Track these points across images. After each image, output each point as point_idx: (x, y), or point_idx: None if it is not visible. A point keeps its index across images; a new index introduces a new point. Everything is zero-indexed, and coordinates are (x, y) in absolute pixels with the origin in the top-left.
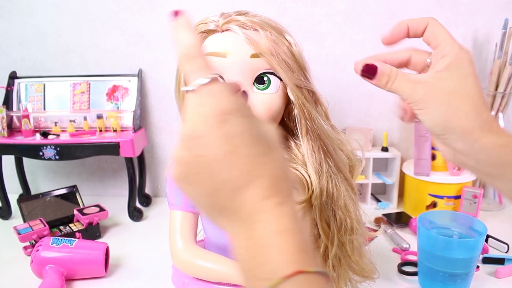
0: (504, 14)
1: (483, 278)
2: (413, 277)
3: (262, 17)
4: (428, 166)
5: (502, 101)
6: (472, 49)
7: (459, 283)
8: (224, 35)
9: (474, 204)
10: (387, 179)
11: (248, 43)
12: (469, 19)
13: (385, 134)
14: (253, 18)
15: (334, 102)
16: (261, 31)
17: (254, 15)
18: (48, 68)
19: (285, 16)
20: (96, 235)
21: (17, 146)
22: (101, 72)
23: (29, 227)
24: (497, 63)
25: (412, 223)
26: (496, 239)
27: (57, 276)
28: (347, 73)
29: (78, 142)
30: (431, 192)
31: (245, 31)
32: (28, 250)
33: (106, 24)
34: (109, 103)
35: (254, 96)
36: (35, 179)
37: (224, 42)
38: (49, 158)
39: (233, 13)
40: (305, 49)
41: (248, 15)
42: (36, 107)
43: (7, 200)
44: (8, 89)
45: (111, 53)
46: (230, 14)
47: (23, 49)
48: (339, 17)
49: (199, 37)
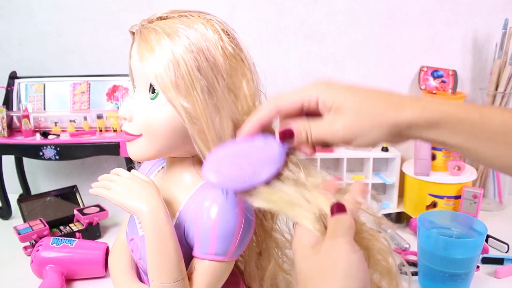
0: (504, 14)
1: (483, 278)
2: (413, 277)
3: (171, 23)
4: (428, 166)
5: (502, 101)
6: (472, 49)
7: (459, 283)
8: (135, 38)
9: (474, 204)
10: (387, 179)
11: (137, 49)
12: (469, 19)
13: None
14: (160, 25)
15: None
16: (155, 41)
17: (168, 17)
18: (48, 68)
19: (285, 16)
20: (96, 235)
21: (17, 146)
22: (101, 72)
23: (29, 227)
24: (497, 63)
25: (412, 223)
26: (496, 239)
27: (57, 276)
28: (347, 73)
29: (78, 142)
30: (431, 192)
31: (142, 35)
32: (28, 250)
33: (106, 24)
34: (109, 103)
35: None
36: (35, 179)
37: (134, 45)
38: (49, 158)
39: (153, 16)
40: (305, 49)
41: (160, 21)
42: (36, 107)
43: (7, 200)
44: (8, 89)
45: (111, 53)
46: (150, 18)
47: (23, 49)
48: (339, 17)
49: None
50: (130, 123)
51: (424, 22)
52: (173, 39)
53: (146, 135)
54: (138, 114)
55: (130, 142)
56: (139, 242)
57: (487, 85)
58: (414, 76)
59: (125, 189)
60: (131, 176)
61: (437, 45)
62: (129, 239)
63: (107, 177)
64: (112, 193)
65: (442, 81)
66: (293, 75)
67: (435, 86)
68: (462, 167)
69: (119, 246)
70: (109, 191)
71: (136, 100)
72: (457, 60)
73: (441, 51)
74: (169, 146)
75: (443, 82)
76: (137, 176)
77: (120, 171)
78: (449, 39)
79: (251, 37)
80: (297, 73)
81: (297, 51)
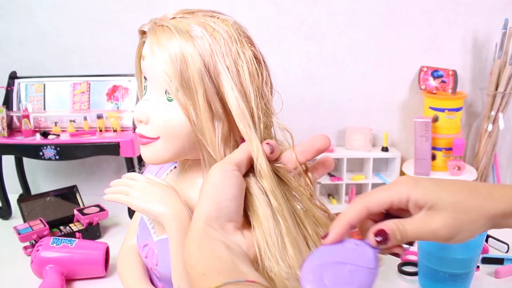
0: (504, 14)
1: (483, 278)
2: (413, 277)
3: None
4: (428, 166)
5: (502, 101)
6: (472, 49)
7: (459, 283)
8: (148, 37)
9: None
10: (387, 179)
11: (150, 48)
12: (469, 19)
13: (385, 134)
14: (173, 23)
15: (334, 102)
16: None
17: (182, 16)
18: (48, 68)
19: (285, 16)
20: (96, 235)
21: (17, 146)
22: (101, 72)
23: (29, 227)
24: (497, 63)
25: None
26: (496, 239)
27: (57, 276)
28: (347, 73)
29: (78, 142)
30: None
31: (156, 34)
32: (28, 250)
33: (106, 24)
34: (109, 103)
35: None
36: (35, 179)
37: (146, 45)
38: (49, 158)
39: (167, 15)
40: (305, 49)
41: (172, 19)
42: (36, 107)
43: (7, 200)
44: (8, 89)
45: (111, 53)
46: (163, 17)
47: (23, 49)
48: (339, 17)
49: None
50: (146, 125)
51: (424, 22)
52: (189, 38)
53: (164, 137)
54: (155, 116)
55: (145, 146)
56: (155, 247)
57: (487, 85)
58: (414, 76)
59: (145, 194)
60: (148, 180)
61: (437, 45)
62: (141, 246)
63: (122, 182)
64: (132, 199)
65: (442, 81)
66: (293, 75)
67: (435, 86)
68: (462, 167)
69: (128, 253)
70: (127, 196)
71: (151, 101)
72: (457, 60)
73: (441, 51)
74: (186, 149)
75: (443, 82)
76: (154, 180)
77: (135, 175)
78: (449, 39)
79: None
80: (297, 73)
81: (297, 51)
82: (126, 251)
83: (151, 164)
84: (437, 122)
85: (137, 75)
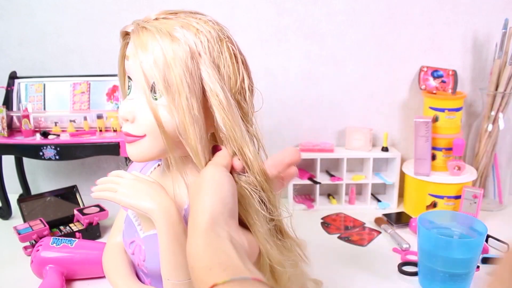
0: (504, 14)
1: (483, 278)
2: (413, 277)
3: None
4: (428, 166)
5: (502, 101)
6: (472, 49)
7: (459, 283)
8: (131, 38)
9: (474, 204)
10: (387, 179)
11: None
12: (469, 19)
13: (385, 134)
14: (156, 24)
15: (334, 102)
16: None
17: (165, 17)
18: (48, 68)
19: (285, 16)
20: (96, 235)
21: (17, 146)
22: (101, 72)
23: (29, 227)
24: (497, 63)
25: (412, 223)
26: (496, 239)
27: (57, 276)
28: (347, 73)
29: (78, 142)
30: (431, 192)
31: (139, 35)
32: (28, 250)
33: (106, 24)
34: (109, 103)
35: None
36: (35, 179)
37: (130, 45)
38: (49, 158)
39: (150, 16)
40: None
41: (154, 20)
42: (36, 107)
43: (7, 200)
44: (8, 89)
45: (111, 53)
46: (145, 19)
47: (23, 49)
48: (339, 17)
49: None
50: (133, 124)
51: (424, 22)
52: (171, 40)
53: (151, 135)
54: (141, 115)
55: (131, 144)
56: (142, 244)
57: (487, 85)
58: (414, 76)
59: (133, 190)
60: (135, 177)
61: (437, 45)
62: (128, 242)
63: (108, 180)
64: (120, 195)
65: (442, 81)
66: (293, 75)
67: (435, 86)
68: (462, 167)
69: (113, 250)
70: (115, 193)
71: (136, 100)
72: (457, 60)
73: (441, 51)
74: (171, 146)
75: (443, 82)
76: (141, 176)
77: (121, 173)
78: (449, 39)
79: (251, 37)
80: (297, 73)
81: (297, 51)
82: (112, 249)
83: (137, 162)
84: (437, 122)
85: (120, 75)
